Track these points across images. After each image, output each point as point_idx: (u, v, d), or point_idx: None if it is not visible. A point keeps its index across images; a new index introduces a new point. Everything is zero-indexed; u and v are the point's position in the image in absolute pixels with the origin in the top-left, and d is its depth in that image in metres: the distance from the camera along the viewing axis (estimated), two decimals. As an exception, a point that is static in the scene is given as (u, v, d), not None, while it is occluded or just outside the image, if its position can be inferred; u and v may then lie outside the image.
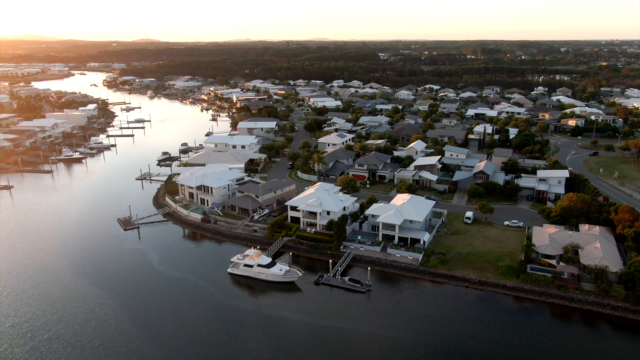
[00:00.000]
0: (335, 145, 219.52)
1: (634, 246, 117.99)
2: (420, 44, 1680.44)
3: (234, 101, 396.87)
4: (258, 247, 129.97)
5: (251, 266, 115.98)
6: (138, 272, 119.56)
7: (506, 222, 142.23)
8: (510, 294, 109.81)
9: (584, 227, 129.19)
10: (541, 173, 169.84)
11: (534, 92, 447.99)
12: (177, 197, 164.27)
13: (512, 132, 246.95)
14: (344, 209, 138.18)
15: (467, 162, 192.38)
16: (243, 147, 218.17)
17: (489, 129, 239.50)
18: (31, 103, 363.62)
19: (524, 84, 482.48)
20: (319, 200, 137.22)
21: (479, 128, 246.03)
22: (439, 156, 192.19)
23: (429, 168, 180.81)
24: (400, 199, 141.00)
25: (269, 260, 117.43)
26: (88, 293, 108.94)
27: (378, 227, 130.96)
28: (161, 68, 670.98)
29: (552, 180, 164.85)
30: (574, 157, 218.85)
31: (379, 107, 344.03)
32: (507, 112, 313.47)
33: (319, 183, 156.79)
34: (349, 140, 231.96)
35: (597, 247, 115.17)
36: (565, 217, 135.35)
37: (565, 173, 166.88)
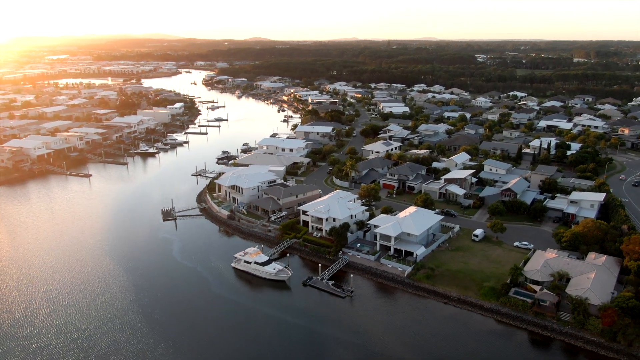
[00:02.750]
0: (378, 152, 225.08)
1: (635, 280, 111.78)
2: (532, 44, 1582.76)
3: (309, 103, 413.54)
4: (262, 246, 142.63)
5: (249, 263, 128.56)
6: (157, 258, 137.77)
7: (516, 243, 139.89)
8: (487, 315, 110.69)
9: (591, 256, 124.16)
10: (574, 195, 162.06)
11: (633, 102, 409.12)
12: (214, 195, 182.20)
13: (575, 147, 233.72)
14: (351, 217, 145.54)
15: (506, 178, 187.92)
16: (291, 150, 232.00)
17: (547, 143, 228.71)
18: (130, 100, 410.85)
19: (622, 94, 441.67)
20: (328, 206, 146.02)
21: (535, 142, 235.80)
22: (472, 170, 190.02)
23: (459, 182, 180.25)
24: (408, 211, 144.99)
25: (266, 258, 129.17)
26: (110, 271, 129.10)
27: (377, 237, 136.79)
28: (255, 68, 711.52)
29: (583, 203, 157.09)
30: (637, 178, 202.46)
31: (446, 114, 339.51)
32: (583, 125, 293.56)
33: (337, 190, 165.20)
34: (395, 148, 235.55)
35: (589, 277, 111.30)
36: (575, 244, 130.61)
37: (599, 196, 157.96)
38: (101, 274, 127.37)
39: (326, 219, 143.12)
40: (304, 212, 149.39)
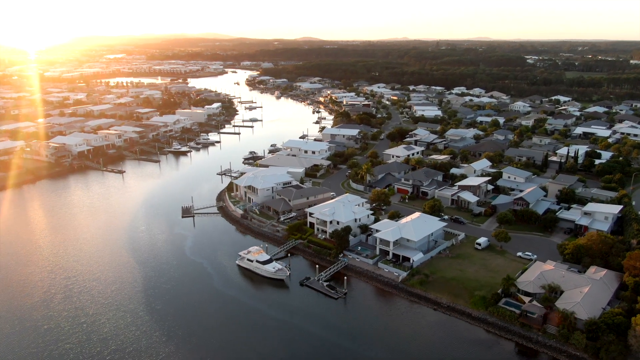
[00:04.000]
0: (399, 157, 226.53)
1: (631, 297, 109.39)
2: (590, 45, 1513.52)
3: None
4: (267, 245, 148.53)
5: (252, 261, 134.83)
6: (169, 252, 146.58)
7: (519, 254, 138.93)
8: (474, 324, 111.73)
9: (591, 270, 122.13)
10: (589, 206, 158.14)
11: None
12: (232, 194, 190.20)
13: (607, 156, 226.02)
14: (355, 220, 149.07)
15: (523, 187, 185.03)
16: (313, 152, 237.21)
17: (574, 151, 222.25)
18: (172, 100, 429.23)
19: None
20: (333, 209, 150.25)
21: (562, 150, 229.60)
22: (488, 177, 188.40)
23: (473, 189, 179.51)
24: (411, 217, 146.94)
25: (267, 257, 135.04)
26: (124, 262, 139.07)
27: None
28: (297, 69, 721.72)
29: (597, 215, 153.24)
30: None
31: (479, 119, 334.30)
32: (622, 133, 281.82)
33: (346, 194, 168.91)
34: (417, 153, 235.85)
35: (582, 291, 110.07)
36: (578, 256, 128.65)
37: (615, 209, 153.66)
38: (116, 265, 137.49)
39: (330, 222, 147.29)
40: (311, 214, 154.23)
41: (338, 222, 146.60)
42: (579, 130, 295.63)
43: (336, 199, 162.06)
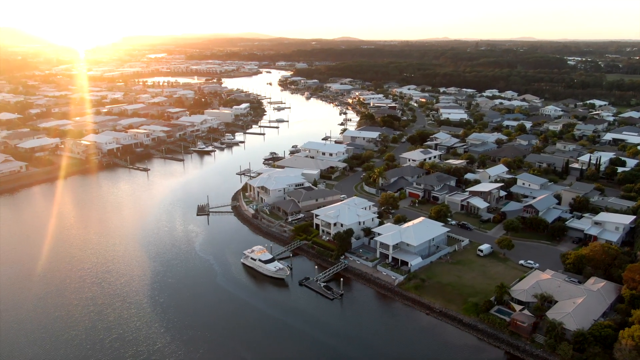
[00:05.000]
0: (415, 161, 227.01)
1: (625, 309, 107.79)
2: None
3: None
4: (272, 245, 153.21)
5: (255, 260, 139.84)
6: (179, 248, 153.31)
7: (521, 262, 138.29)
8: (464, 330, 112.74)
9: (591, 281, 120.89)
10: (600, 216, 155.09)
11: None
12: (246, 194, 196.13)
13: (631, 164, 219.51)
14: (359, 223, 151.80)
15: (537, 194, 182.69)
16: (331, 154, 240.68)
17: (596, 158, 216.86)
18: (204, 100, 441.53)
19: None
20: (338, 212, 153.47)
21: (585, 157, 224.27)
22: (501, 184, 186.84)
23: (484, 195, 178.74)
24: (414, 221, 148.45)
25: (270, 257, 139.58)
26: (137, 256, 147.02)
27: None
28: (329, 70, 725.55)
29: (608, 225, 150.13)
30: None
31: (505, 123, 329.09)
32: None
33: (353, 197, 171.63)
34: (434, 157, 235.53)
35: (575, 302, 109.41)
36: (579, 266, 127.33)
37: (627, 219, 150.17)
38: (128, 258, 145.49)
39: (334, 224, 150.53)
40: (316, 216, 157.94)
41: (342, 225, 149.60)
42: (608, 136, 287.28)
43: (344, 201, 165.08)
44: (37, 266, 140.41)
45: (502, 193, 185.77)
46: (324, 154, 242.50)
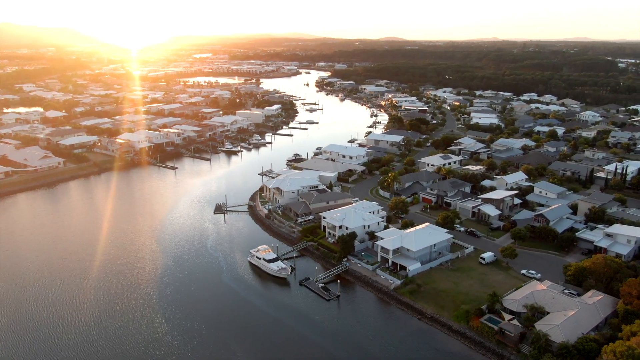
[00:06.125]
0: (434, 166, 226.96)
1: (617, 324, 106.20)
2: None
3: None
4: (277, 245, 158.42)
5: (259, 259, 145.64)
6: (192, 245, 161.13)
7: (523, 271, 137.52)
8: (452, 337, 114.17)
9: (588, 294, 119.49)
10: (613, 228, 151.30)
11: None
12: (262, 194, 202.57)
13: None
14: (364, 227, 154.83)
15: (554, 202, 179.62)
16: (351, 157, 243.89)
17: (623, 167, 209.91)
18: (238, 100, 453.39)
19: None
20: (344, 215, 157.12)
21: (610, 166, 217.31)
22: (515, 192, 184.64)
23: (496, 202, 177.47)
24: (418, 227, 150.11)
25: (273, 256, 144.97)
26: (151, 250, 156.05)
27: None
28: (367, 71, 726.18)
29: (620, 237, 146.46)
30: None
31: (537, 128, 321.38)
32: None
33: (363, 200, 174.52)
34: (454, 162, 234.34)
35: (566, 314, 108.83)
36: (580, 278, 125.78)
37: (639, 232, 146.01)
38: (143, 252, 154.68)
39: (339, 227, 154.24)
40: (323, 218, 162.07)
41: (347, 228, 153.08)
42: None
43: (352, 204, 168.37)
44: (67, 254, 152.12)
45: (517, 201, 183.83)
46: (344, 156, 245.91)
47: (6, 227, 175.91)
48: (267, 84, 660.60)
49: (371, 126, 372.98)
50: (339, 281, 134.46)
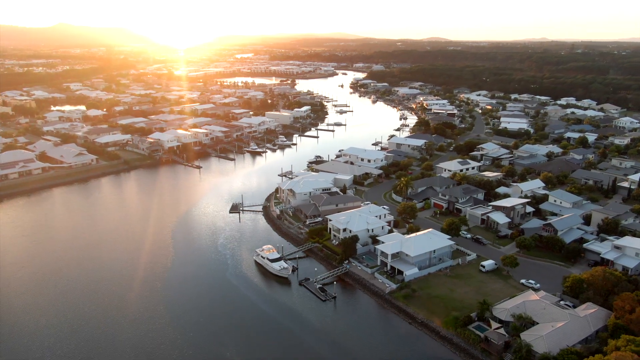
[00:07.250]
0: (450, 171, 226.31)
1: (605, 338, 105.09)
2: None
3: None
4: (283, 245, 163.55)
5: (263, 258, 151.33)
6: (202, 242, 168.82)
7: (522, 281, 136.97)
8: (439, 342, 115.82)
9: (583, 306, 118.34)
10: (622, 240, 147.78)
11: None
12: (277, 195, 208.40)
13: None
14: (368, 230, 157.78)
15: (568, 212, 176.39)
16: (369, 160, 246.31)
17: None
18: (269, 101, 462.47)
19: None
20: (349, 218, 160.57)
21: (635, 176, 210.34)
22: (526, 200, 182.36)
23: (507, 210, 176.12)
24: (420, 232, 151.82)
25: (276, 256, 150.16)
26: (165, 245, 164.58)
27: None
28: (402, 72, 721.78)
29: (628, 250, 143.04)
30: None
31: (567, 134, 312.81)
32: None
33: (370, 204, 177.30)
34: (472, 168, 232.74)
35: (554, 325, 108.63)
36: (577, 290, 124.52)
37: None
38: (156, 248, 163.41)
39: (343, 229, 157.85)
40: (329, 221, 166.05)
41: (350, 231, 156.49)
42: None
43: (359, 208, 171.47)
44: (90, 246, 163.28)
45: (530, 209, 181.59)
46: (362, 159, 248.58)
47: (44, 217, 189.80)
48: (303, 85, 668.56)
49: (398, 129, 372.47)
50: (335, 282, 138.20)
